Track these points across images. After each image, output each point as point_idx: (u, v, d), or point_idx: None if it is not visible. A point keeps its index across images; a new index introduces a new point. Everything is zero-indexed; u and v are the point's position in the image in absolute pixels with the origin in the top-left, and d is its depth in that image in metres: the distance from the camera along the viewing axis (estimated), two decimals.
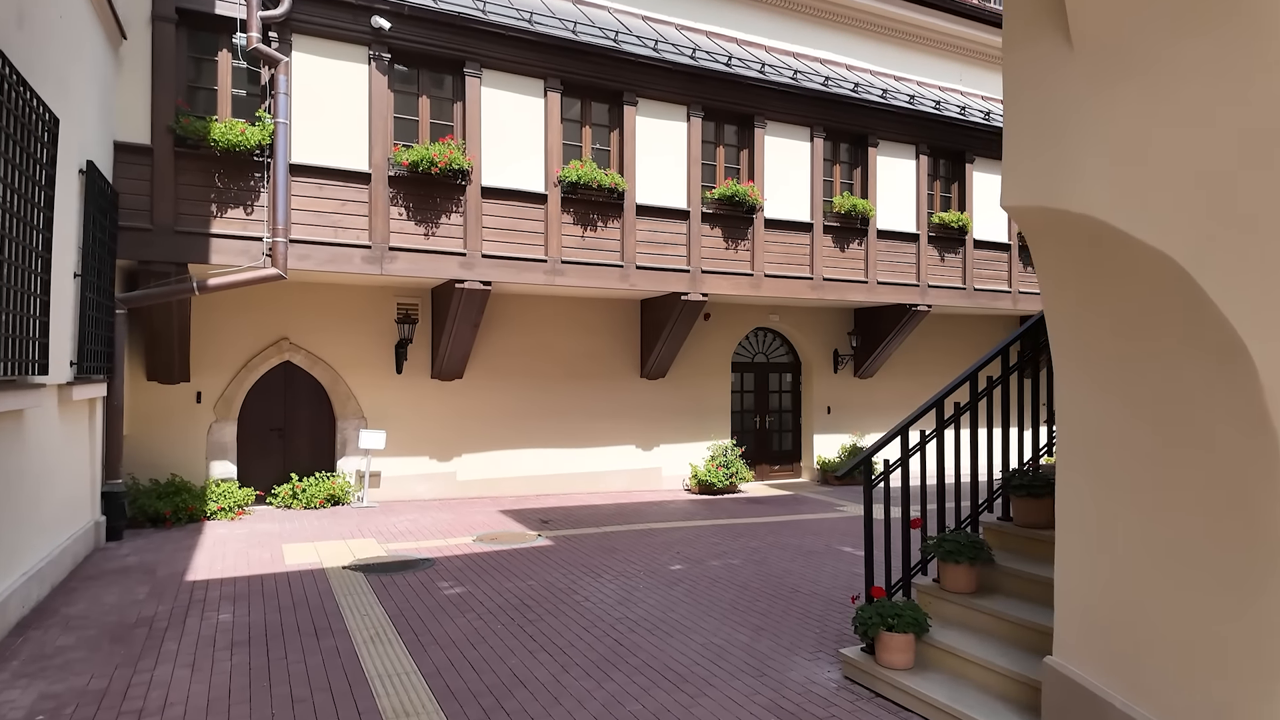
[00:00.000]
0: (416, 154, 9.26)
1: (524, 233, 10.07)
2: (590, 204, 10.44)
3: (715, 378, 13.03)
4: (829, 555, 8.06)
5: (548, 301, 11.73)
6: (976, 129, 13.43)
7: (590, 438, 12.00)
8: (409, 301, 10.86)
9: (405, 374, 10.86)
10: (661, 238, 10.92)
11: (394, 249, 9.35)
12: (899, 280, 12.79)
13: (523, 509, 10.41)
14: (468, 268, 9.68)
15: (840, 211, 12.22)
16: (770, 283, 11.64)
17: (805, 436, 14.04)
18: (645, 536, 8.83)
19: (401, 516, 9.74)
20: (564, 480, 11.79)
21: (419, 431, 10.92)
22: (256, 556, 7.52)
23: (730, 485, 12.12)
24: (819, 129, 12.11)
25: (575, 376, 11.92)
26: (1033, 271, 14.24)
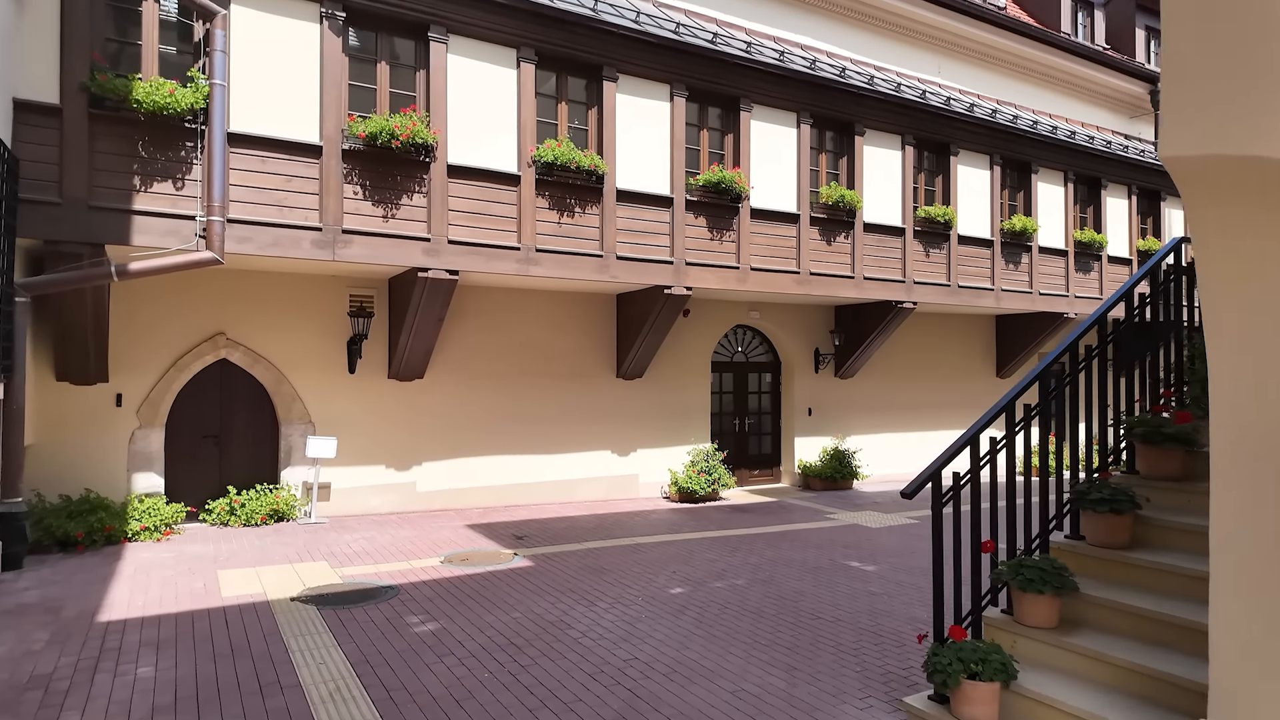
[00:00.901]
0: (375, 125, 8.23)
1: (494, 217, 9.11)
2: (567, 187, 9.54)
3: (695, 378, 12.26)
4: (837, 572, 7.35)
5: (518, 295, 10.77)
6: (961, 120, 12.98)
7: (563, 443, 11.09)
8: (364, 292, 9.78)
9: (359, 374, 9.78)
10: (643, 226, 10.09)
11: (348, 232, 8.29)
12: (885, 276, 12.23)
13: (492, 523, 9.44)
14: (432, 254, 8.68)
15: (827, 203, 11.58)
16: (756, 276, 10.92)
17: (786, 439, 13.38)
18: (633, 553, 7.98)
19: (356, 534, 8.67)
20: (535, 490, 10.85)
21: (374, 438, 9.85)
22: (187, 587, 6.41)
23: (712, 493, 11.36)
24: (805, 115, 11.45)
25: (547, 377, 10.99)
26: (1014, 269, 13.91)
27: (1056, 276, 14.51)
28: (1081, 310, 14.72)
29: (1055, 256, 14.50)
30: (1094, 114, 18.03)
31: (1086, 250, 14.89)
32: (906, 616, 5.98)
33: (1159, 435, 4.63)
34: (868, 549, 8.44)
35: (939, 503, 4.14)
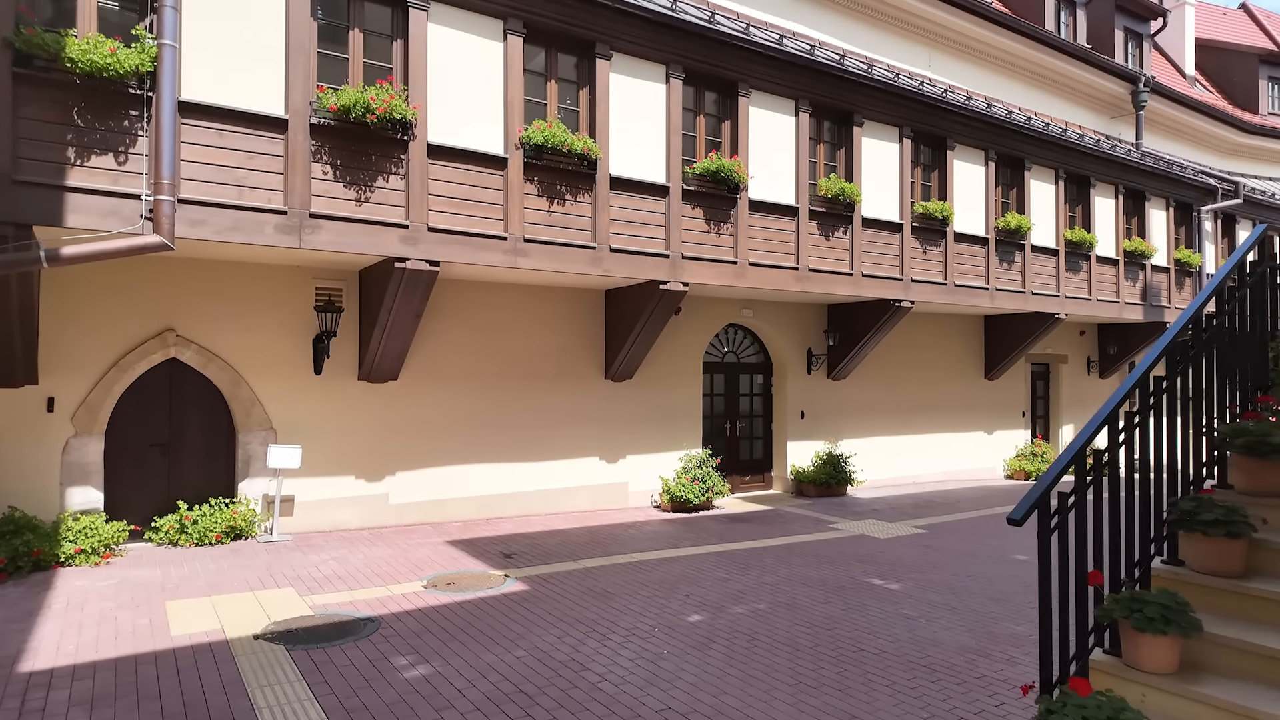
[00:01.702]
0: (348, 98, 7.37)
1: (479, 203, 8.31)
2: (558, 172, 8.79)
3: (686, 380, 11.59)
4: (862, 592, 6.74)
5: (501, 289, 9.97)
6: (957, 113, 12.55)
7: (549, 450, 10.31)
8: (332, 285, 8.88)
9: (326, 375, 8.88)
10: (638, 217, 9.38)
11: (317, 216, 7.41)
12: (882, 273, 11.72)
13: (475, 538, 8.63)
14: (410, 243, 7.85)
15: (826, 196, 11.02)
16: (754, 272, 10.29)
17: (777, 444, 12.79)
18: (636, 572, 7.26)
19: (325, 553, 7.79)
20: (519, 501, 10.05)
21: (343, 446, 8.96)
22: (129, 624, 5.50)
23: (706, 501, 10.70)
24: (804, 102, 10.87)
25: (532, 378, 10.21)
26: (1008, 268, 13.55)
27: (1048, 276, 14.21)
28: (1072, 311, 14.46)
29: (1047, 256, 14.20)
30: (1076, 113, 17.88)
31: (1076, 250, 14.63)
32: (955, 646, 5.39)
33: (1265, 446, 4.09)
34: (884, 563, 7.87)
35: (1046, 530, 3.51)
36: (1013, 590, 6.94)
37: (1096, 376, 17.65)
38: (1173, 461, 4.21)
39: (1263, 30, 27.06)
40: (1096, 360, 17.64)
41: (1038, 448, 15.76)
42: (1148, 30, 20.10)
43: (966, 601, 6.54)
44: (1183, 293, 16.88)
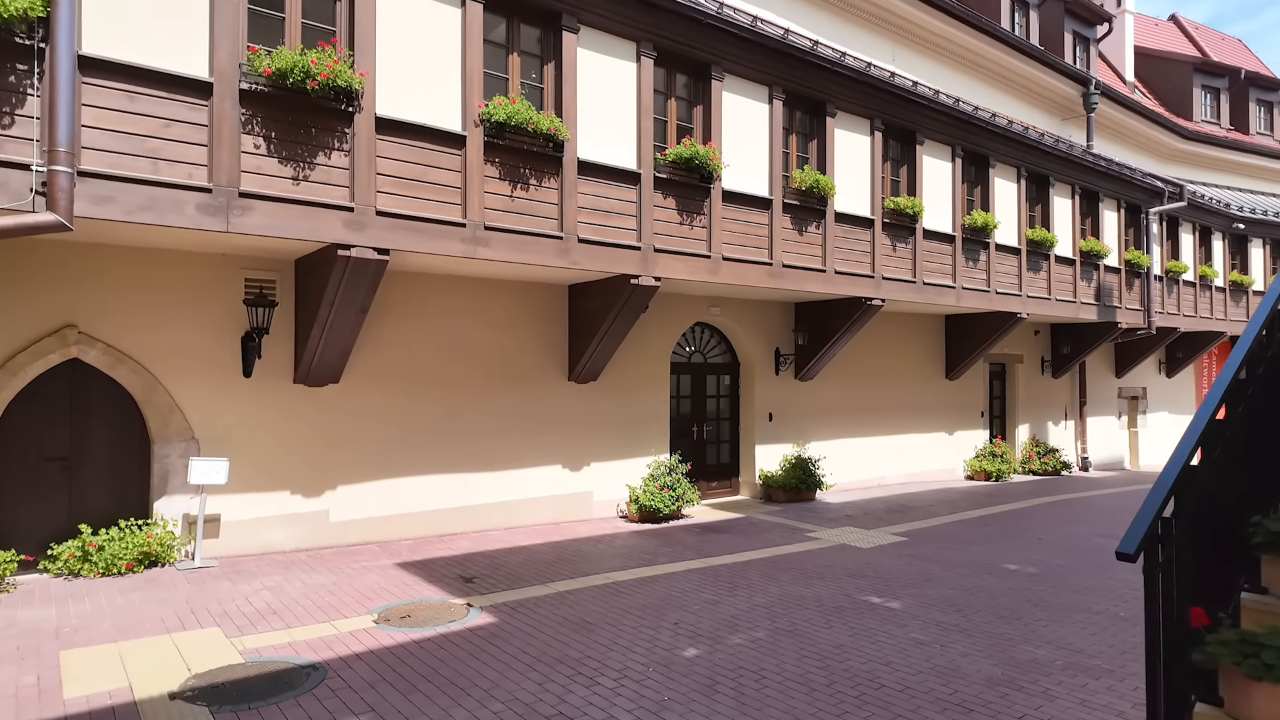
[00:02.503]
0: (285, 61, 6.43)
1: (434, 186, 7.45)
2: (522, 154, 8.00)
3: (654, 381, 10.92)
4: (863, 613, 6.18)
5: (456, 284, 9.10)
6: (927, 107, 12.24)
7: (507, 458, 9.49)
8: (265, 276, 7.88)
9: (258, 378, 7.88)
10: (608, 205, 8.66)
11: (247, 195, 6.45)
12: (854, 271, 11.29)
13: (429, 559, 7.77)
14: (356, 228, 6.95)
15: (800, 188, 10.51)
16: (728, 267, 9.69)
17: (745, 448, 12.25)
18: (615, 596, 6.55)
19: (257, 581, 6.82)
20: (475, 514, 9.20)
21: (277, 457, 7.97)
22: (10, 684, 4.51)
23: (676, 510, 10.05)
24: (778, 89, 10.33)
25: (489, 381, 9.37)
26: (973, 266, 13.33)
27: (1011, 275, 14.08)
28: (1033, 311, 14.37)
29: (1009, 255, 14.07)
30: (1031, 114, 17.93)
31: (1037, 249, 14.56)
32: (980, 677, 4.86)
33: None
34: (875, 578, 7.35)
35: (1154, 566, 2.96)
36: (1016, 605, 6.50)
37: (1050, 376, 17.74)
38: (1256, 472, 3.74)
39: (1191, 41, 28.05)
40: (1050, 360, 17.72)
41: (998, 448, 15.67)
42: (1094, 35, 20.41)
43: (974, 621, 6.05)
44: (1132, 293, 17.08)
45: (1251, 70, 24.44)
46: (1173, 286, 18.26)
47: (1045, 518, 10.97)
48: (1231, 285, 20.13)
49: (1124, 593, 6.94)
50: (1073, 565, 7.98)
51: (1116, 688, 4.74)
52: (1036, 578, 7.46)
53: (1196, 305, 19.04)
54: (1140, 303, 17.25)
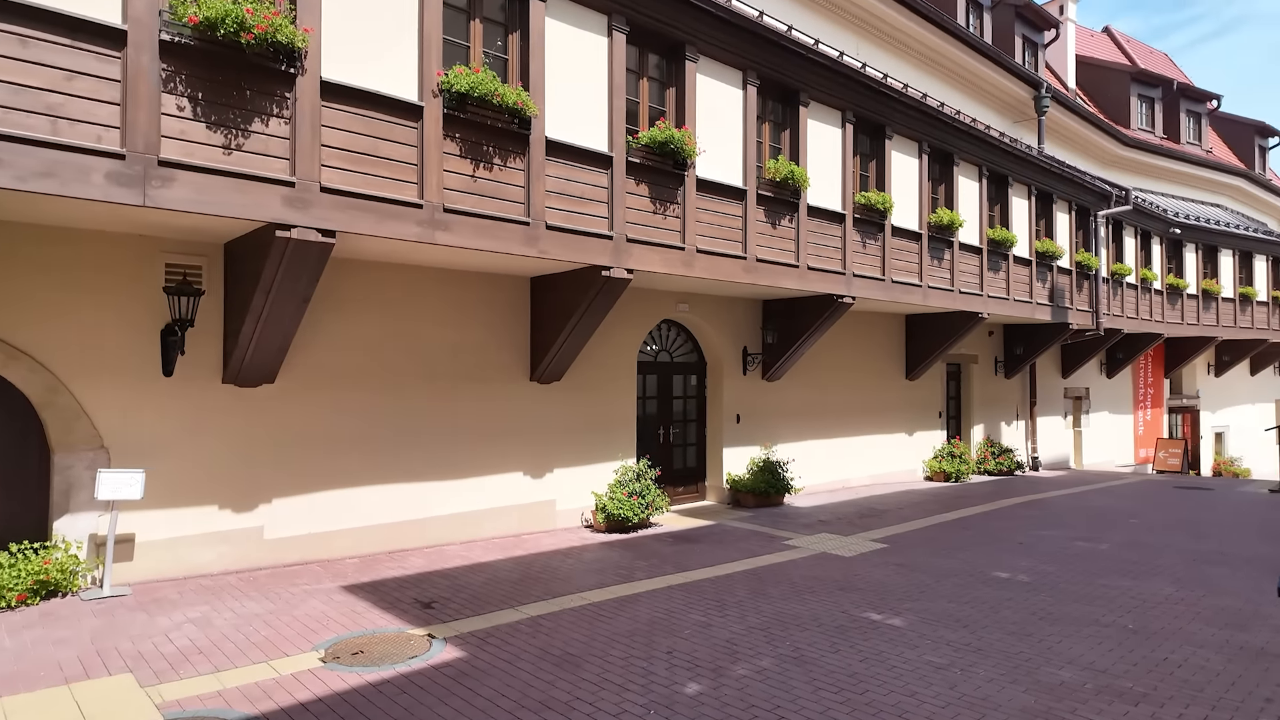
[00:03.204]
0: (215, 9, 5.54)
1: (387, 161, 6.64)
2: (485, 130, 7.25)
3: (620, 382, 10.26)
4: (869, 633, 5.69)
5: (409, 274, 8.27)
6: (896, 101, 11.96)
7: (465, 466, 8.70)
8: (189, 261, 6.92)
9: (180, 378, 6.91)
10: (577, 189, 7.97)
11: (169, 164, 5.54)
12: (826, 267, 10.88)
13: (381, 581, 6.94)
14: (298, 206, 6.10)
15: (774, 179, 10.03)
16: (703, 261, 9.13)
17: (712, 451, 11.71)
18: (596, 621, 5.88)
19: (179, 613, 5.89)
20: (429, 528, 8.38)
21: (203, 467, 7.02)
22: None
23: (645, 519, 9.43)
24: (752, 75, 9.82)
25: (445, 381, 8.56)
26: (938, 265, 13.13)
27: (973, 274, 13.96)
28: (993, 310, 14.29)
29: (972, 254, 13.95)
30: (985, 115, 17.99)
31: (997, 249, 14.50)
32: (1016, 708, 4.39)
33: None
34: (868, 591, 6.89)
35: None
36: (1022, 619, 6.11)
37: (1003, 377, 17.82)
38: None
39: (1124, 53, 28.97)
40: (1003, 360, 17.81)
41: (956, 448, 15.58)
42: (1042, 41, 20.71)
43: (985, 639, 5.62)
44: (1081, 294, 17.27)
45: (1183, 83, 25.33)
46: (1117, 289, 18.59)
47: (1017, 521, 10.77)
48: (1168, 288, 20.68)
49: (1124, 602, 6.65)
50: (1063, 573, 7.68)
51: (1160, 715, 4.33)
52: (1032, 588, 7.11)
53: (1138, 307, 19.46)
54: (1089, 304, 17.46)
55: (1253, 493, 14.73)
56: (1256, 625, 6.04)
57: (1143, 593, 6.97)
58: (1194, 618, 6.23)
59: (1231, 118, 28.53)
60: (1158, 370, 23.02)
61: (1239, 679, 4.92)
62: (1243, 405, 26.82)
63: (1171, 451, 22.52)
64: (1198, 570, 7.84)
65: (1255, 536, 9.71)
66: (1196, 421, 24.37)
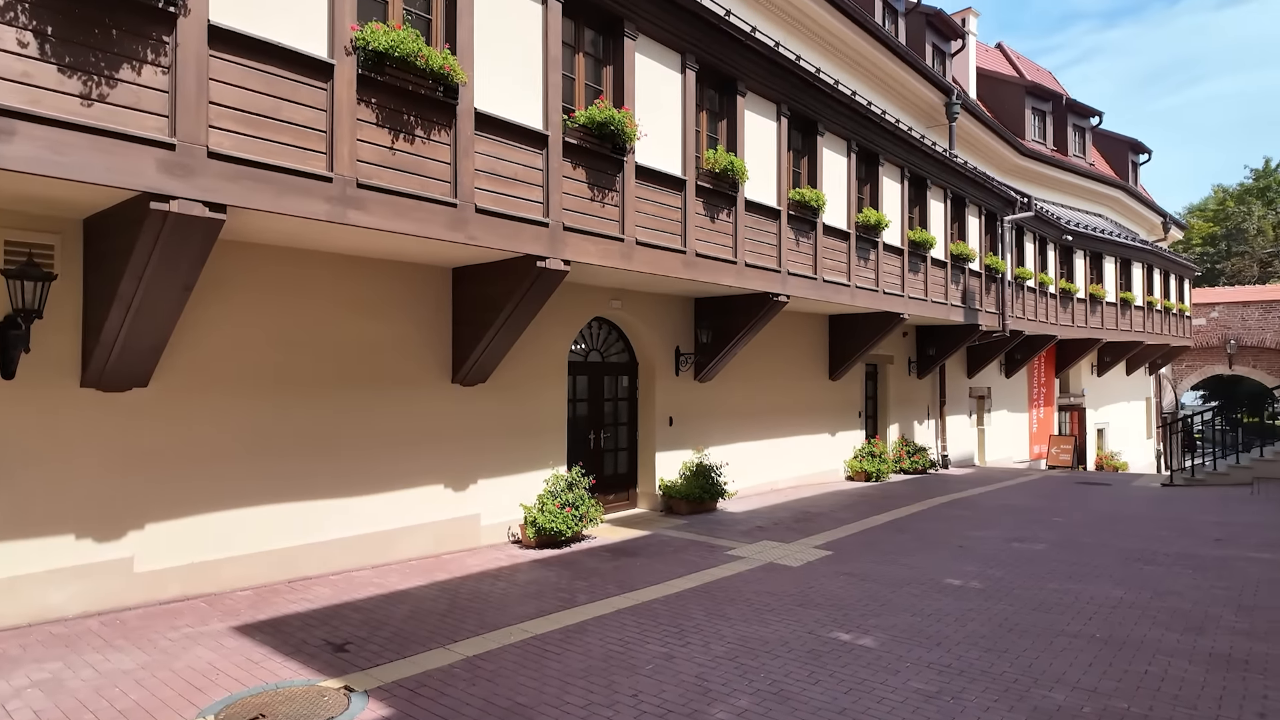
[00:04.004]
0: None
1: (290, 126, 5.66)
2: (406, 97, 6.35)
3: (550, 383, 9.49)
4: (843, 656, 5.21)
5: (314, 261, 7.23)
6: (828, 96, 11.73)
7: (377, 479, 7.71)
8: (36, 240, 5.68)
9: (25, 379, 5.67)
10: (510, 170, 7.17)
11: (6, 113, 4.42)
12: (763, 264, 10.49)
13: (282, 618, 5.93)
14: (180, 173, 5.05)
15: (714, 170, 9.53)
16: (642, 254, 8.50)
17: (644, 455, 11.11)
18: (542, 660, 5.13)
19: (20, 675, 4.73)
20: (337, 551, 7.36)
21: (54, 488, 5.79)
22: None
23: (578, 532, 8.71)
24: (691, 59, 9.28)
25: (354, 383, 7.56)
26: (864, 265, 13.04)
27: (895, 275, 13.98)
28: (913, 311, 14.37)
29: (894, 255, 13.97)
30: (902, 118, 18.20)
31: (917, 250, 14.61)
32: None
33: None
34: (828, 606, 6.45)
35: None
36: (991, 632, 5.82)
37: (915, 377, 18.11)
38: None
39: (1014, 68, 30.44)
40: (916, 361, 18.10)
41: (876, 448, 15.63)
42: (950, 50, 21.29)
43: (963, 657, 5.26)
44: (989, 297, 17.76)
45: (1071, 99, 26.79)
46: (1019, 292, 19.27)
47: (948, 522, 10.71)
48: (1061, 293, 21.69)
49: (1080, 608, 6.49)
50: (1012, 578, 7.52)
51: None
52: (988, 595, 6.88)
53: (1036, 310, 20.26)
54: (996, 306, 17.98)
55: (1146, 486, 15.48)
56: (1211, 628, 5.98)
57: (1094, 597, 6.85)
58: (1151, 622, 6.11)
59: (1109, 134, 30.46)
60: (1049, 371, 24.18)
61: (1225, 690, 4.74)
62: (1120, 403, 28.67)
63: (1063, 447, 23.74)
64: (1134, 570, 7.87)
65: (1171, 532, 9.99)
66: (1083, 419, 25.79)
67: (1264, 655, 5.37)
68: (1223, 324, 31.74)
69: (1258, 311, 31.01)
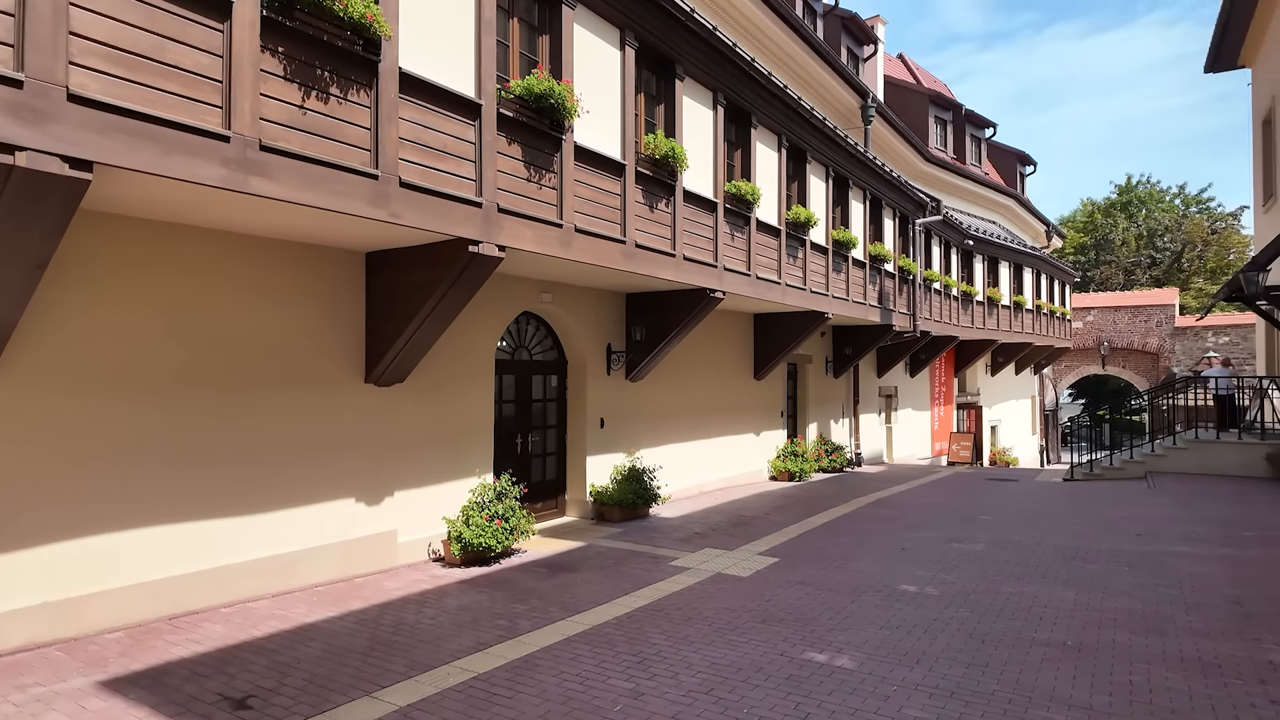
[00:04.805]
0: None
1: (177, 71, 4.67)
2: (319, 48, 5.44)
3: (476, 383, 8.64)
4: (828, 684, 4.75)
5: (208, 239, 6.15)
6: (762, 89, 11.42)
7: (277, 494, 6.69)
8: None
9: None
10: (439, 141, 6.34)
11: None
12: (700, 258, 10.03)
13: (164, 666, 4.90)
14: (29, 118, 4.01)
15: (654, 156, 8.98)
16: (582, 242, 7.83)
17: (574, 460, 10.41)
18: (493, 707, 4.39)
19: None
20: (231, 579, 6.29)
21: None
22: None
23: (508, 546, 7.94)
24: (630, 35, 8.68)
25: (249, 384, 6.51)
26: (793, 263, 12.84)
27: (820, 274, 13.88)
28: (837, 311, 14.33)
29: (820, 254, 13.86)
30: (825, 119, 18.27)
31: (840, 250, 14.58)
32: None
33: None
34: (792, 622, 6.01)
35: None
36: (964, 644, 5.52)
37: (832, 376, 18.21)
38: None
39: (915, 77, 31.53)
40: (833, 360, 18.19)
41: (798, 447, 15.53)
42: (863, 55, 21.62)
43: (949, 676, 4.91)
44: (902, 298, 18.07)
45: (969, 109, 27.91)
46: (928, 294, 19.77)
47: (881, 523, 10.57)
48: (962, 295, 22.48)
49: (1040, 613, 6.32)
50: (964, 582, 7.33)
51: None
52: (947, 602, 6.62)
53: (942, 312, 20.87)
54: (908, 307, 18.32)
55: (1050, 482, 16.06)
56: (1169, 630, 5.90)
57: (1049, 600, 6.72)
58: (1113, 626, 5.99)
59: (1000, 146, 32.03)
60: (950, 370, 25.07)
61: (1214, 700, 4.57)
62: (1010, 401, 30.18)
63: (963, 444, 24.68)
64: (1076, 569, 7.85)
65: (1093, 528, 10.19)
66: (980, 417, 26.92)
67: (1230, 657, 5.29)
68: (1097, 327, 34.07)
69: (1127, 315, 33.45)
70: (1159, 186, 48.55)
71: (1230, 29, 16.26)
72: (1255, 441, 14.32)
